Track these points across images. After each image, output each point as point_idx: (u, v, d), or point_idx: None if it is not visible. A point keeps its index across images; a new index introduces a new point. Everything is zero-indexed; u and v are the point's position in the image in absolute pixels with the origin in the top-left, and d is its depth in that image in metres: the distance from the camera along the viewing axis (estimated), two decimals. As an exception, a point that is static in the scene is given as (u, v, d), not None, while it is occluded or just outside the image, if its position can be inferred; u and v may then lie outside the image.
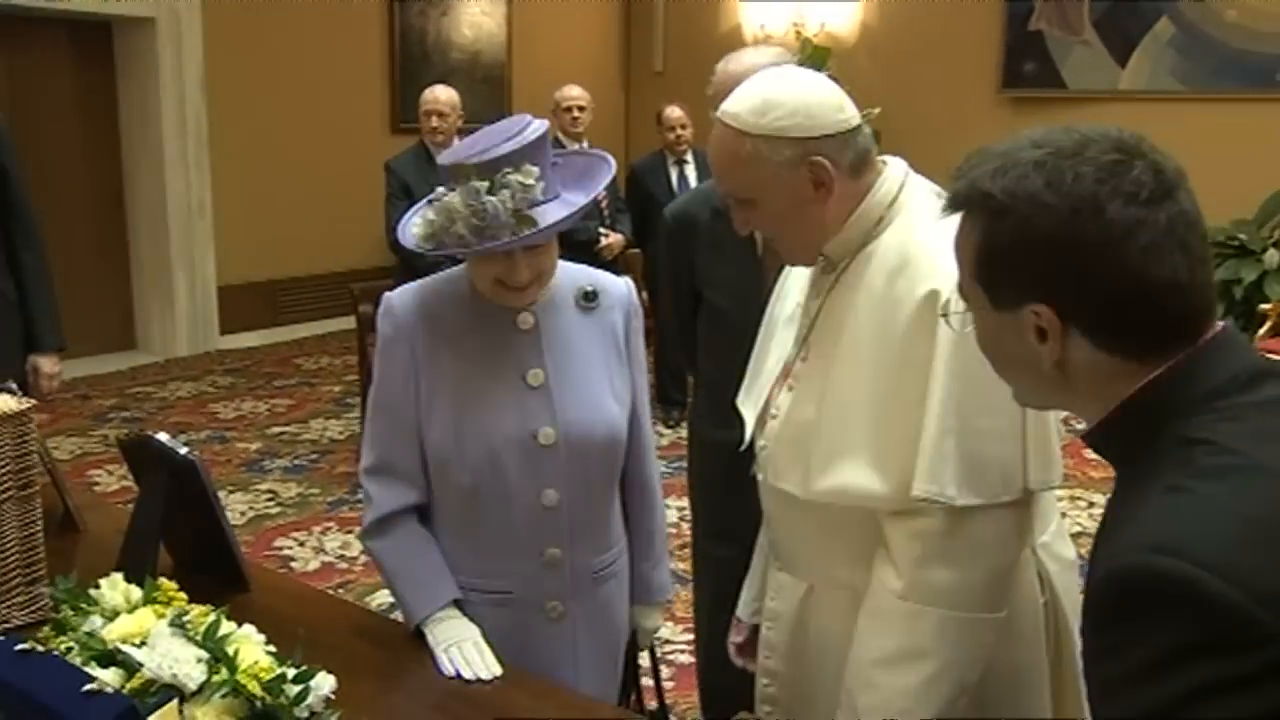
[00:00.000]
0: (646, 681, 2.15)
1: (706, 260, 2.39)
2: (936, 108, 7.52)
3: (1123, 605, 0.90)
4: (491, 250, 1.61)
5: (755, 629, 1.86)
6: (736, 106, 1.51)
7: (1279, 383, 1.01)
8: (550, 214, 1.61)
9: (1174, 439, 0.99)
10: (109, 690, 1.20)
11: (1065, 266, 1.00)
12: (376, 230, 5.47)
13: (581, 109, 5.55)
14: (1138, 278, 0.98)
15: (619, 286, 1.87)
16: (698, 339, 2.47)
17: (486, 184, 1.57)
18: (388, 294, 1.79)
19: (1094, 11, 7.40)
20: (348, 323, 5.86)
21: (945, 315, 1.34)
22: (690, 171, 5.80)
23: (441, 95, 5.06)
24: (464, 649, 1.66)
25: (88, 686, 1.20)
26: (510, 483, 1.72)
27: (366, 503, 1.79)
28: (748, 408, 1.76)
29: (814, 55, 6.95)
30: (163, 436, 1.85)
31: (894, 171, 1.57)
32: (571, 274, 1.83)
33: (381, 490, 1.77)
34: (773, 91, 1.50)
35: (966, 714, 1.50)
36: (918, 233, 1.51)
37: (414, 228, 1.67)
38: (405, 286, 1.80)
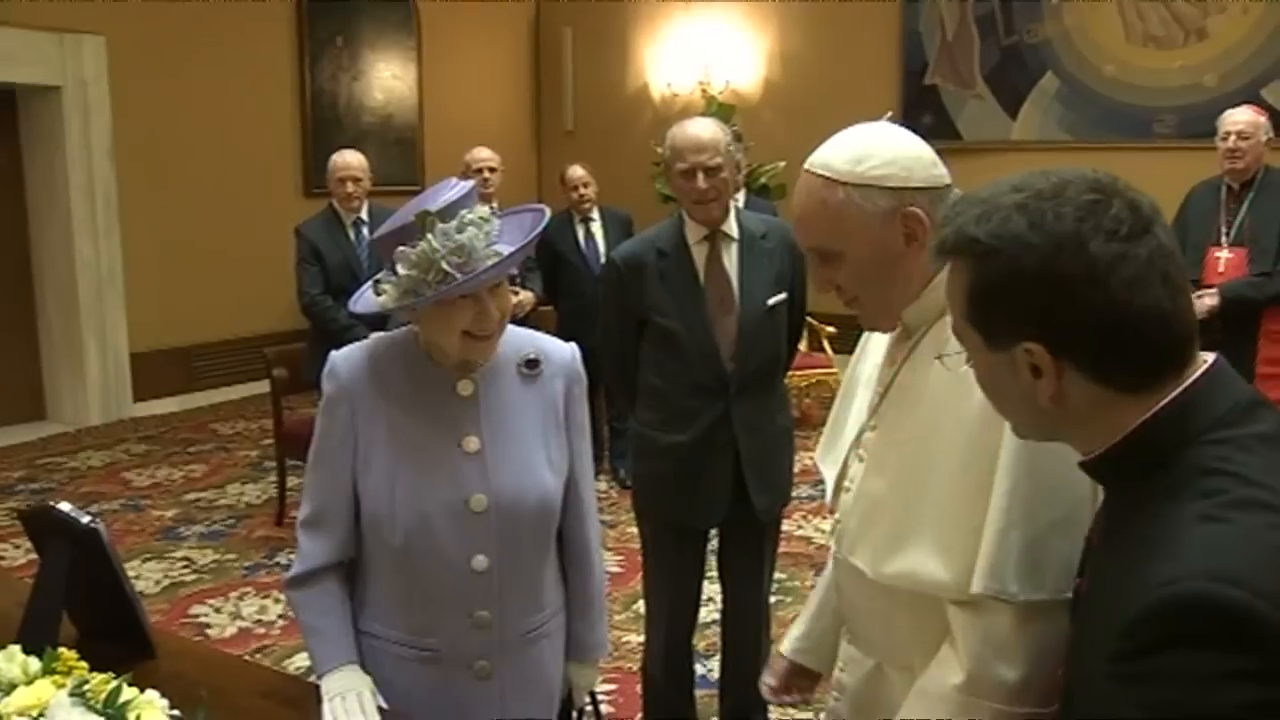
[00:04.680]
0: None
1: (655, 292, 2.78)
2: (839, 160, 7.72)
3: (1179, 630, 0.91)
4: (479, 284, 1.63)
5: (791, 664, 1.86)
6: (827, 156, 1.48)
7: (1270, 414, 1.06)
8: (513, 245, 1.67)
9: (1188, 467, 1.01)
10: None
11: (1052, 303, 1.03)
12: (290, 294, 5.47)
13: (492, 170, 5.59)
14: (1124, 309, 1.02)
15: (562, 353, 1.87)
16: (641, 358, 2.86)
17: (454, 224, 1.61)
18: (334, 353, 1.80)
19: (984, 66, 7.75)
20: (262, 387, 5.83)
21: (941, 358, 1.35)
22: (596, 229, 5.77)
23: (353, 160, 5.11)
24: (346, 700, 1.69)
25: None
26: (441, 546, 1.74)
27: (298, 552, 1.83)
28: (827, 467, 1.72)
29: (719, 112, 7.14)
30: (64, 506, 1.84)
31: None
32: (515, 340, 1.84)
33: (312, 545, 1.81)
34: (867, 143, 1.47)
35: None
36: None
37: (380, 293, 1.68)
38: (351, 346, 1.82)
